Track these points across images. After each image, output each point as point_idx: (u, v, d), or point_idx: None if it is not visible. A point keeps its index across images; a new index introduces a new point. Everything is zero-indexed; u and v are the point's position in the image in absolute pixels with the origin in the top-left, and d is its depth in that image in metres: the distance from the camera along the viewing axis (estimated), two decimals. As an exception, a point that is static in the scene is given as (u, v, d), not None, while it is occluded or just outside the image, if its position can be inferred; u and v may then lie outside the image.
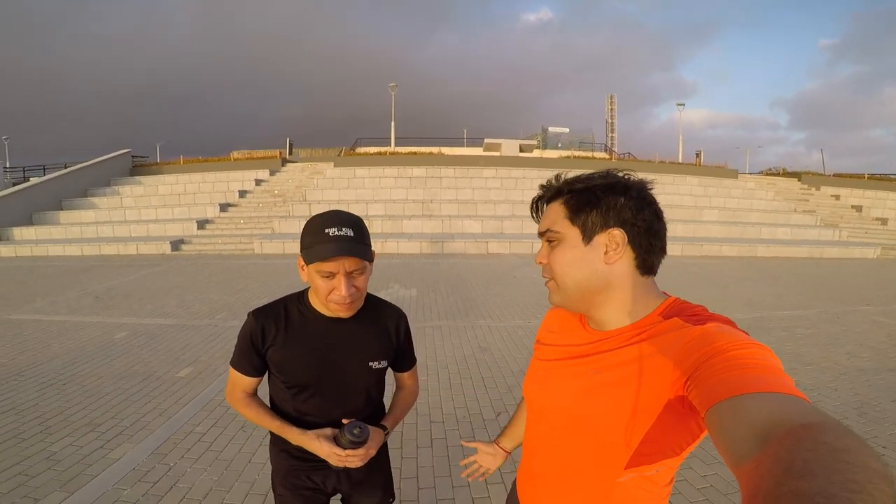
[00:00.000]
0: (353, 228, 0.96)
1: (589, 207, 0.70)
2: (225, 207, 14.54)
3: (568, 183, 0.74)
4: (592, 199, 0.70)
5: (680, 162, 23.85)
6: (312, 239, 0.96)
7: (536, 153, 24.99)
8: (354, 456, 1.02)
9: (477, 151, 24.82)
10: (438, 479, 2.32)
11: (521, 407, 1.09)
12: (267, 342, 1.07)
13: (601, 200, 0.70)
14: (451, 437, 2.73)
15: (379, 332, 1.14)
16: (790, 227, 14.66)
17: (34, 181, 15.90)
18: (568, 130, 30.44)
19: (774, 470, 0.34)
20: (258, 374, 1.11)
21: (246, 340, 1.07)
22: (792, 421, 0.41)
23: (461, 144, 27.94)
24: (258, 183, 16.66)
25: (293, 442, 1.08)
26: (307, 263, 0.98)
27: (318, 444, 1.03)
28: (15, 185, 16.59)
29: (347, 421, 1.03)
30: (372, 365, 1.11)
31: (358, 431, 1.00)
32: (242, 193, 15.63)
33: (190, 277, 8.11)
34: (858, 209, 17.80)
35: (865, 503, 0.29)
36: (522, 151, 24.93)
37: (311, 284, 1.02)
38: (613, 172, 0.74)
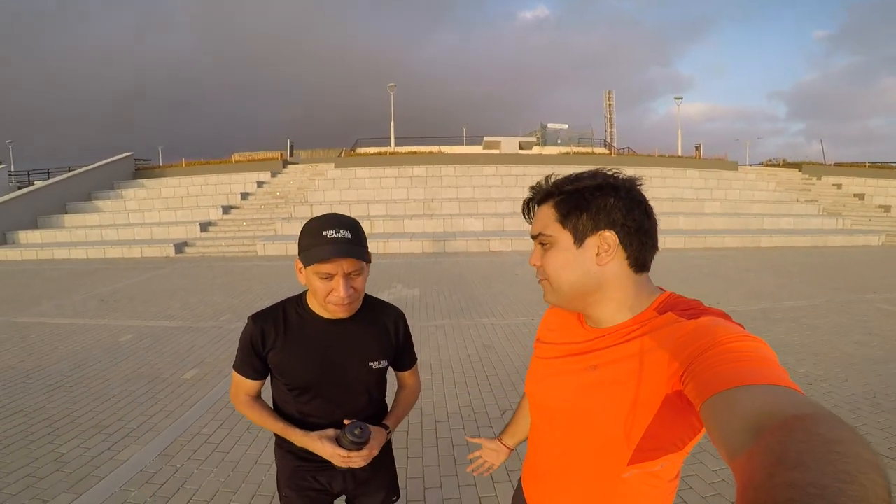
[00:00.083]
0: (350, 230, 0.98)
1: (579, 211, 0.71)
2: (227, 210, 14.59)
3: (557, 185, 0.75)
4: (582, 202, 0.71)
5: (680, 155, 23.79)
6: (310, 241, 0.97)
7: (536, 150, 24.95)
8: (357, 457, 1.03)
9: (477, 150, 24.79)
10: (444, 478, 2.32)
11: (522, 404, 1.09)
12: (267, 346, 1.08)
13: (591, 203, 0.70)
14: (456, 436, 2.73)
15: (378, 332, 1.15)
16: (793, 216, 14.62)
17: (39, 185, 16.00)
18: (567, 127, 30.40)
19: (767, 461, 0.34)
20: (260, 377, 1.12)
21: (246, 344, 1.08)
22: (785, 412, 0.41)
23: (461, 143, 27.93)
24: (260, 185, 16.71)
25: (297, 443, 1.09)
26: (305, 265, 0.99)
27: (320, 444, 1.04)
28: (20, 188, 16.70)
29: (349, 422, 1.04)
30: (372, 365, 1.12)
31: (359, 432, 1.00)
32: (244, 195, 15.67)
33: (194, 280, 8.14)
34: (861, 197, 17.73)
35: (857, 493, 0.30)
36: (522, 149, 24.88)
37: (309, 287, 1.03)
38: (602, 172, 0.74)
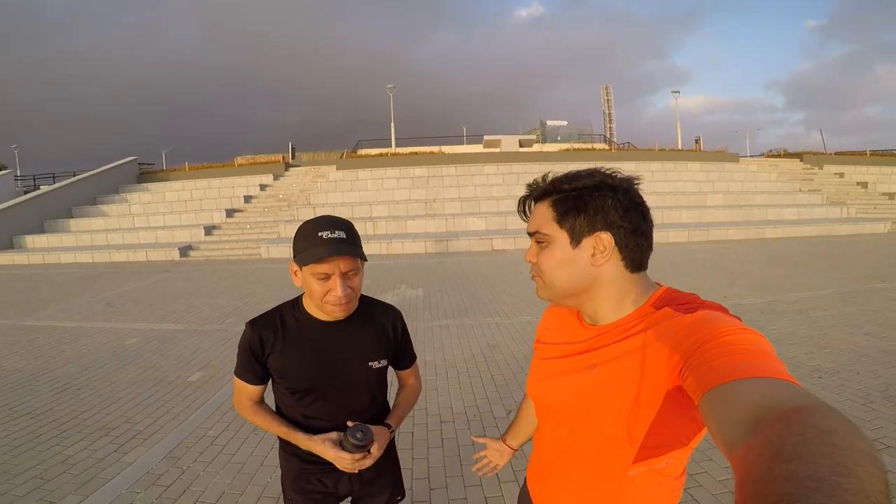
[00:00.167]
0: (344, 231, 0.99)
1: (576, 211, 0.71)
2: (231, 213, 14.65)
3: (555, 184, 0.75)
4: (580, 202, 0.71)
5: (680, 149, 23.73)
6: (306, 243, 0.98)
7: (536, 148, 24.95)
8: (359, 461, 1.03)
9: (477, 149, 24.80)
10: (450, 478, 2.32)
11: (524, 404, 1.09)
12: (266, 351, 1.08)
13: (588, 204, 0.70)
14: (461, 436, 2.72)
15: (376, 331, 1.15)
16: (796, 206, 14.53)
17: (44, 189, 16.16)
18: (566, 123, 30.37)
19: (764, 454, 0.35)
20: (261, 381, 1.13)
21: (245, 351, 1.09)
22: (782, 405, 0.41)
23: (461, 142, 27.98)
24: (263, 188, 16.77)
25: (302, 446, 1.09)
26: (302, 266, 0.99)
27: (323, 448, 1.04)
28: (26, 193, 16.82)
29: (352, 424, 1.04)
30: (372, 365, 1.12)
31: (361, 435, 1.00)
32: (248, 199, 15.73)
33: (198, 283, 8.17)
34: (864, 185, 17.63)
35: (854, 486, 0.30)
36: (522, 147, 24.89)
37: (305, 289, 1.03)
38: (600, 171, 0.73)
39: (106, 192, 17.11)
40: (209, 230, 13.36)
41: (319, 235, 0.97)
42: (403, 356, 1.23)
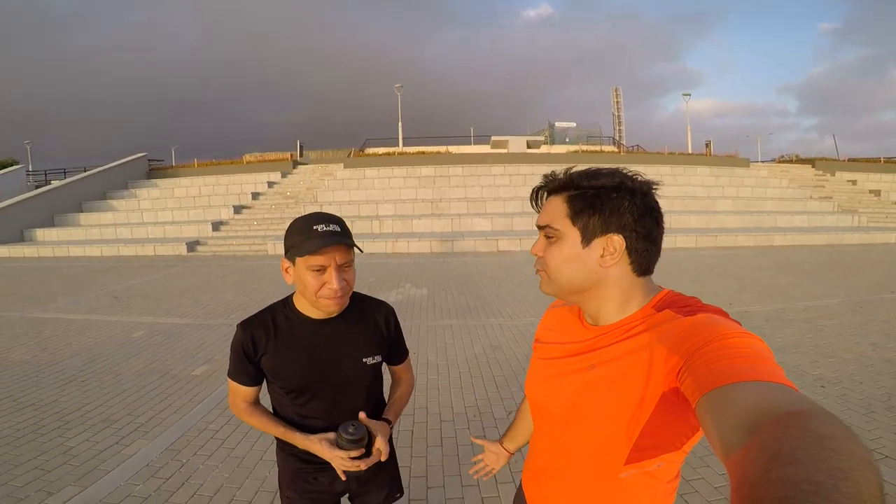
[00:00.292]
0: (338, 225, 1.01)
1: (592, 210, 0.69)
2: (239, 209, 14.76)
3: (573, 179, 0.73)
4: (596, 201, 0.69)
5: (690, 153, 23.53)
6: (300, 237, 0.99)
7: (544, 149, 24.86)
8: (359, 460, 1.02)
9: (484, 149, 24.78)
10: (448, 478, 2.31)
11: (522, 407, 1.08)
12: (259, 351, 1.08)
13: (605, 204, 0.69)
14: (461, 436, 2.71)
15: (368, 327, 1.15)
16: (807, 214, 14.34)
17: (55, 184, 16.37)
18: (575, 125, 30.19)
19: (762, 457, 0.35)
20: (255, 383, 1.12)
21: (238, 352, 1.09)
22: (779, 409, 0.41)
23: (468, 143, 27.95)
24: (270, 185, 16.87)
25: (299, 446, 1.08)
26: (298, 257, 0.99)
27: (319, 447, 1.04)
28: (37, 187, 17.09)
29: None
30: (366, 361, 1.12)
31: (353, 430, 0.99)
32: (255, 195, 15.84)
33: (205, 278, 8.24)
34: (877, 193, 17.33)
35: (850, 490, 0.30)
36: (530, 148, 24.82)
37: (299, 284, 1.03)
38: (621, 171, 0.72)
39: (115, 187, 17.33)
40: (217, 226, 13.47)
41: (314, 229, 0.97)
42: (396, 351, 1.23)
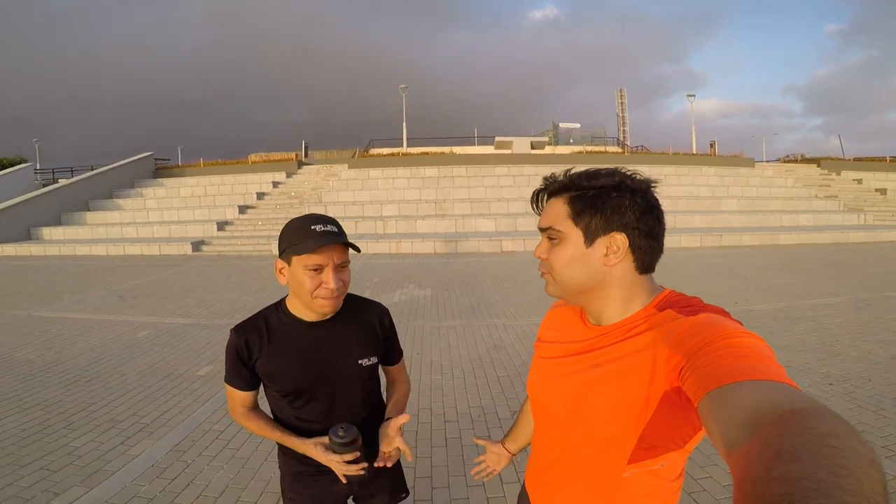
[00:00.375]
0: (335, 226, 1.01)
1: (593, 210, 0.70)
2: (244, 209, 14.81)
3: (573, 180, 0.73)
4: (597, 201, 0.70)
5: (694, 153, 23.44)
6: (298, 236, 0.98)
7: (548, 150, 24.75)
8: (354, 464, 1.00)
9: (488, 150, 24.70)
10: (453, 478, 2.30)
11: (524, 408, 1.08)
12: (253, 356, 1.07)
13: (606, 204, 0.70)
14: (465, 436, 2.70)
15: (363, 328, 1.14)
16: (812, 213, 14.27)
17: (62, 183, 16.49)
18: (579, 126, 30.15)
19: (764, 455, 0.35)
20: (251, 387, 1.11)
21: (232, 357, 1.08)
22: (781, 407, 0.42)
23: (472, 143, 27.88)
24: (275, 185, 16.92)
25: (297, 451, 1.07)
26: (295, 256, 0.98)
27: (315, 451, 1.02)
28: (45, 186, 17.21)
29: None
30: (362, 362, 1.11)
31: (342, 433, 0.97)
32: (260, 195, 15.89)
33: (210, 278, 8.27)
34: (883, 192, 17.21)
35: (853, 487, 0.30)
36: (534, 148, 24.72)
37: (293, 285, 1.02)
38: (620, 171, 0.73)
39: (122, 186, 17.44)
40: (222, 226, 13.52)
41: (312, 229, 0.97)
42: (392, 352, 1.23)
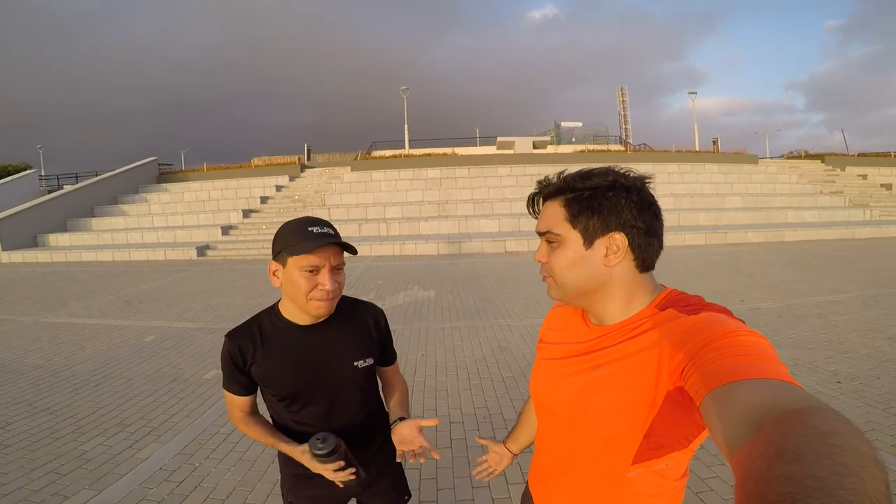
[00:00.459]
0: (331, 228, 1.02)
1: (590, 211, 0.70)
2: (248, 213, 14.88)
3: (567, 182, 0.73)
4: (594, 202, 0.70)
5: (697, 150, 23.33)
6: (295, 237, 0.98)
7: (550, 149, 24.70)
8: (343, 472, 0.97)
9: (490, 150, 24.69)
10: (458, 479, 2.30)
11: (526, 408, 1.08)
12: (247, 361, 1.07)
13: (602, 204, 0.69)
14: (470, 437, 2.70)
15: (358, 330, 1.14)
16: (818, 209, 14.19)
17: (68, 189, 16.64)
18: (581, 125, 30.06)
19: (766, 454, 0.35)
20: (248, 392, 1.11)
21: (227, 363, 1.08)
22: (783, 406, 0.42)
23: (474, 144, 27.85)
24: (279, 189, 17.00)
25: (296, 458, 1.06)
26: (291, 257, 0.98)
27: (302, 459, 1.00)
28: (50, 192, 17.35)
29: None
30: (358, 364, 1.11)
31: (321, 444, 0.92)
32: (264, 199, 15.96)
33: (215, 282, 8.31)
34: (888, 187, 17.10)
35: (855, 486, 0.30)
36: (536, 148, 24.69)
37: (289, 287, 1.01)
38: (613, 170, 0.72)
39: (127, 191, 17.56)
40: (226, 230, 13.59)
41: (309, 230, 0.98)
42: (387, 353, 1.22)
